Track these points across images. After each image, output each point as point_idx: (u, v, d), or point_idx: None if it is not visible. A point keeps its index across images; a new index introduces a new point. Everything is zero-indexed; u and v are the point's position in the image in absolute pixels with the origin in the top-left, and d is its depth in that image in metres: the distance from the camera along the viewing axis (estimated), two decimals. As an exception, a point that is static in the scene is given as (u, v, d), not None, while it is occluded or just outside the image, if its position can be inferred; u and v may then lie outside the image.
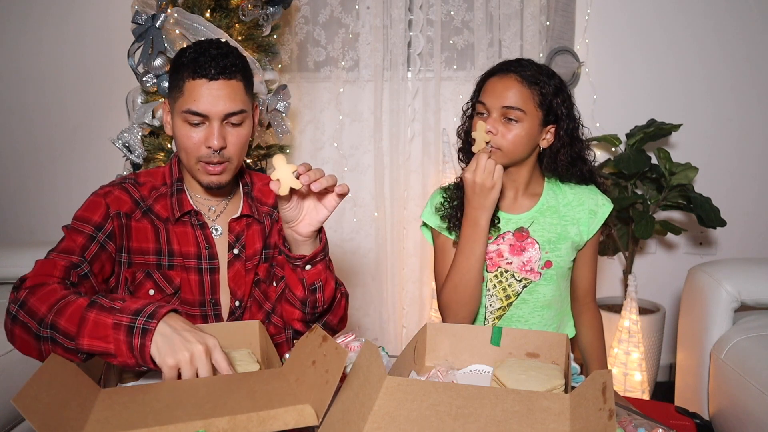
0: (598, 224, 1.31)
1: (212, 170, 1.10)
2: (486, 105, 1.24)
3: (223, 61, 1.05)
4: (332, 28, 2.37)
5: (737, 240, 2.38)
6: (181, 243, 1.14)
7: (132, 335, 0.86)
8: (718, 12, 2.27)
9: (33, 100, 2.53)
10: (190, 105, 1.06)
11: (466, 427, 0.73)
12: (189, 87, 1.06)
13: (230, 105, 1.07)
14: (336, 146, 2.45)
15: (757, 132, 2.33)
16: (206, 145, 1.07)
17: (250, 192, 1.24)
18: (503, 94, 1.21)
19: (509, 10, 2.27)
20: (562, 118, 1.25)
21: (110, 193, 1.12)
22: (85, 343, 0.88)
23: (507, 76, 1.23)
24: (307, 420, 0.72)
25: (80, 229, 1.07)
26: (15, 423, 1.60)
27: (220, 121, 1.07)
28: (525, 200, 1.32)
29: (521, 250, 1.30)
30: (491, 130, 1.21)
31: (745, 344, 1.52)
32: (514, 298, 1.31)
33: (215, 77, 1.05)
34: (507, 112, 1.21)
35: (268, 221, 1.24)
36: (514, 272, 1.30)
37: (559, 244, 1.29)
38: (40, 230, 2.60)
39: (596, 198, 1.32)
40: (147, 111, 1.74)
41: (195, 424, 0.69)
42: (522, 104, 1.21)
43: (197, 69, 1.05)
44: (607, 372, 0.72)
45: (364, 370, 0.80)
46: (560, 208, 1.31)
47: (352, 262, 2.53)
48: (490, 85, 1.25)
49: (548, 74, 1.25)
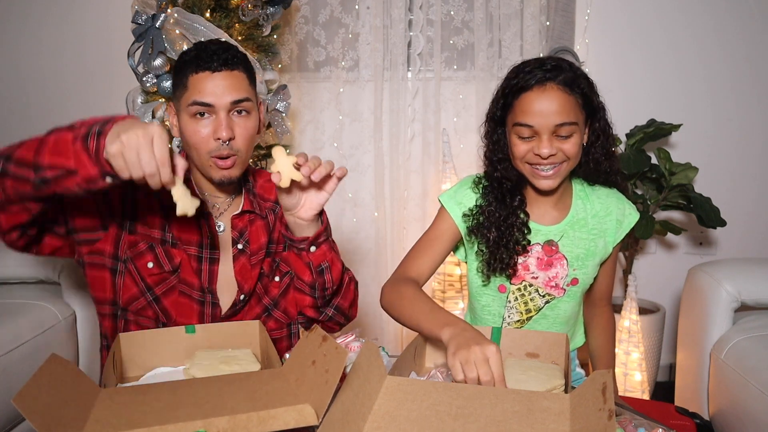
0: (622, 234, 1.24)
1: (223, 164, 1.10)
2: (534, 127, 1.08)
3: (224, 54, 1.07)
4: (332, 28, 2.37)
5: (737, 240, 2.38)
6: (183, 230, 1.15)
7: (88, 140, 0.86)
8: (718, 12, 2.27)
9: (33, 100, 2.53)
10: (195, 96, 1.07)
11: (466, 427, 0.73)
12: (193, 81, 1.07)
13: (235, 93, 1.08)
14: (336, 146, 2.45)
15: (757, 132, 2.33)
16: (215, 137, 1.08)
17: (251, 189, 1.25)
18: (550, 113, 1.06)
19: (509, 10, 2.27)
20: (597, 110, 1.14)
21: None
22: (46, 161, 0.87)
23: (546, 87, 1.07)
24: (307, 420, 0.72)
25: None
26: (15, 423, 1.60)
27: (226, 111, 1.08)
28: (555, 211, 1.22)
29: (549, 266, 1.21)
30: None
31: (745, 344, 1.52)
32: (535, 312, 1.24)
33: (218, 68, 1.07)
34: (559, 129, 1.08)
35: (272, 216, 1.25)
36: (538, 287, 1.22)
37: (587, 261, 1.21)
38: (40, 230, 2.60)
39: (623, 207, 1.24)
40: (147, 111, 1.74)
41: (195, 424, 0.70)
42: (573, 116, 1.08)
43: (200, 63, 1.07)
44: (607, 372, 0.72)
45: (364, 370, 0.80)
46: (589, 220, 1.22)
47: (352, 262, 2.53)
48: (528, 103, 1.08)
49: (575, 66, 1.12)
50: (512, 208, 1.18)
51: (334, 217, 2.49)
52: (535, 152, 1.09)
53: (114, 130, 0.86)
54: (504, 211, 1.17)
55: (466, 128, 2.38)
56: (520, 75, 1.10)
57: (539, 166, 1.11)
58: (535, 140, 1.09)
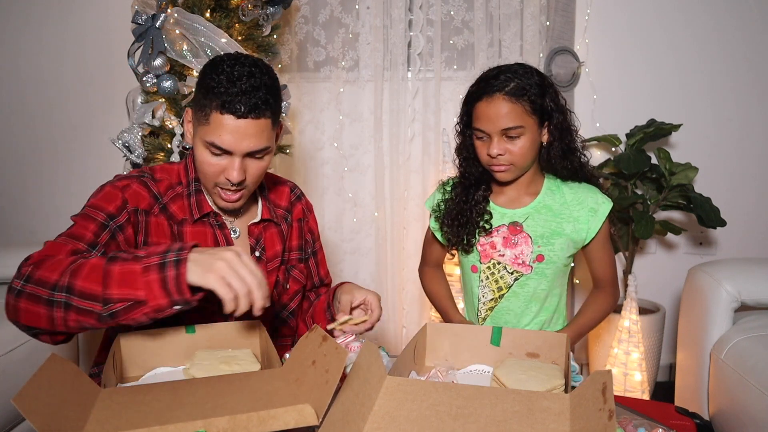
0: (599, 221, 1.33)
1: (228, 197, 1.10)
2: (484, 131, 1.26)
3: (254, 98, 1.01)
4: (332, 28, 2.37)
5: (737, 240, 2.38)
6: (198, 242, 1.13)
7: (165, 270, 0.84)
8: (718, 12, 2.27)
9: (33, 100, 2.53)
10: (214, 139, 1.02)
11: (466, 427, 0.73)
12: (216, 119, 1.01)
13: (255, 143, 1.04)
14: (336, 146, 2.45)
15: (757, 132, 2.33)
16: (225, 176, 1.06)
17: (266, 195, 1.25)
18: (497, 119, 1.23)
19: (509, 10, 2.27)
20: (551, 113, 1.28)
21: (128, 187, 1.09)
22: (115, 293, 0.85)
23: (493, 98, 1.24)
24: (307, 420, 0.72)
25: (93, 216, 1.03)
26: (15, 423, 1.60)
27: (242, 156, 1.05)
28: (524, 198, 1.36)
29: (514, 244, 1.34)
30: (498, 151, 1.25)
31: (745, 344, 1.52)
32: (506, 290, 1.36)
33: (244, 115, 1.00)
34: (507, 132, 1.24)
35: (284, 224, 1.26)
36: (506, 264, 1.35)
37: (552, 239, 1.32)
38: (40, 230, 2.60)
39: (596, 197, 1.34)
40: (147, 111, 1.74)
41: (195, 424, 0.69)
42: (518, 121, 1.23)
43: (226, 104, 1.00)
44: (607, 372, 0.72)
45: (364, 370, 0.80)
46: (556, 207, 1.34)
47: (352, 262, 2.53)
48: (480, 110, 1.26)
49: (528, 75, 1.26)
50: (475, 196, 1.37)
51: (334, 217, 2.50)
52: (488, 152, 1.27)
53: (197, 264, 0.85)
54: (466, 197, 1.37)
55: (466, 128, 2.38)
56: (477, 85, 1.29)
57: (493, 164, 1.28)
58: (488, 141, 1.27)
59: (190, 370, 0.95)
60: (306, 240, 1.32)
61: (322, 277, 1.38)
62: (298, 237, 1.30)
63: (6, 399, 1.48)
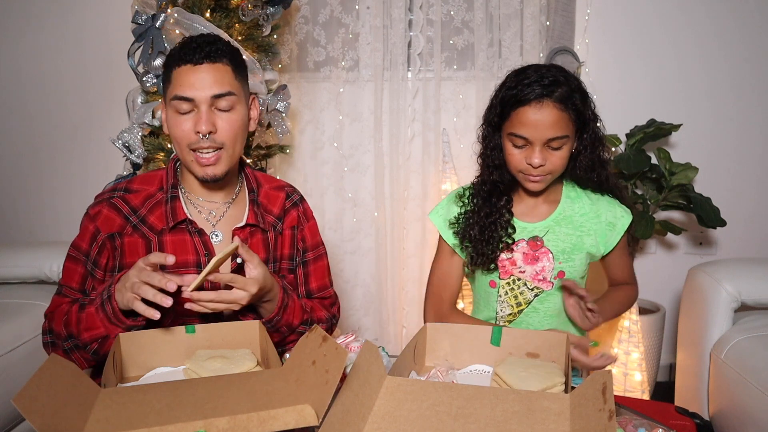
0: (617, 236, 1.29)
1: (205, 160, 1.08)
2: (528, 138, 1.16)
3: (208, 47, 1.06)
4: (332, 28, 2.37)
5: (737, 240, 2.38)
6: (178, 252, 1.12)
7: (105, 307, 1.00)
8: (718, 12, 2.27)
9: (33, 101, 2.53)
10: (176, 91, 1.06)
11: (466, 427, 0.73)
12: (176, 75, 1.06)
13: (216, 87, 1.06)
14: (336, 146, 2.45)
15: (757, 132, 2.33)
16: (195, 130, 1.06)
17: (256, 199, 1.21)
18: (545, 128, 1.14)
19: (509, 10, 2.27)
20: (589, 122, 1.20)
21: (99, 214, 1.12)
22: (86, 336, 1.03)
23: (543, 104, 1.14)
24: (307, 420, 0.72)
25: (77, 258, 1.13)
26: (15, 423, 1.60)
27: (207, 105, 1.06)
28: (542, 207, 1.29)
29: (535, 260, 1.28)
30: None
31: (745, 344, 1.52)
32: (525, 305, 1.31)
33: (200, 61, 1.05)
34: (551, 142, 1.16)
35: (272, 233, 1.21)
36: (526, 281, 1.29)
37: (573, 255, 1.27)
38: (40, 230, 2.60)
39: (614, 210, 1.29)
40: (147, 111, 1.74)
41: (195, 424, 0.70)
42: (565, 130, 1.16)
43: (182, 56, 1.06)
44: (607, 372, 0.73)
45: (364, 370, 0.80)
46: (576, 218, 1.28)
47: (352, 262, 2.53)
48: (525, 116, 1.15)
49: (571, 79, 1.18)
50: (498, 207, 1.27)
51: (334, 217, 2.50)
52: (527, 161, 1.18)
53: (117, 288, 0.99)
54: (489, 209, 1.27)
55: (466, 128, 2.38)
56: (518, 87, 1.16)
57: (530, 173, 1.19)
58: (527, 149, 1.18)
59: (189, 369, 0.95)
60: (297, 248, 1.26)
61: (312, 290, 1.27)
62: (290, 246, 1.24)
63: (6, 399, 1.48)
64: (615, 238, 1.29)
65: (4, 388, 1.50)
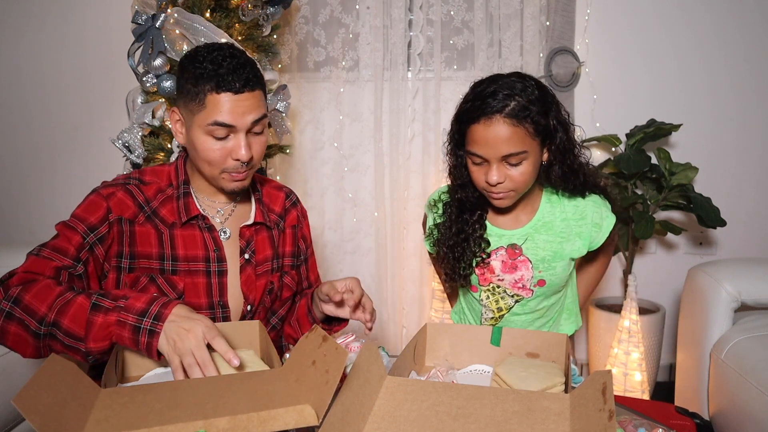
0: (603, 237, 1.25)
1: (237, 177, 1.11)
2: (482, 156, 1.12)
3: (244, 73, 1.04)
4: (332, 28, 2.37)
5: (737, 240, 2.38)
6: (188, 246, 1.13)
7: (138, 335, 0.90)
8: (718, 12, 2.27)
9: (33, 100, 2.53)
10: (216, 117, 1.04)
11: (466, 428, 0.73)
12: (212, 100, 1.04)
13: (254, 114, 1.07)
14: (336, 146, 2.45)
15: (757, 132, 2.33)
16: (234, 157, 1.07)
17: (261, 198, 1.25)
18: (496, 145, 1.09)
19: (509, 10, 2.27)
20: (554, 132, 1.15)
21: (113, 196, 1.10)
22: (94, 347, 0.91)
23: (492, 120, 1.08)
24: (307, 420, 0.72)
25: (75, 228, 1.05)
26: (15, 423, 1.60)
27: (245, 132, 1.07)
28: (521, 214, 1.26)
29: (513, 268, 1.25)
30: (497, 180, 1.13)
31: (745, 344, 1.52)
32: (506, 311, 1.31)
33: (240, 90, 1.04)
34: (508, 158, 1.11)
35: (276, 230, 1.25)
36: (506, 288, 1.28)
37: (553, 263, 1.24)
38: (40, 230, 2.60)
39: (600, 210, 1.25)
40: (147, 111, 1.74)
41: (195, 424, 0.69)
42: (521, 146, 1.10)
43: (221, 84, 1.03)
44: (607, 372, 0.72)
45: (364, 370, 0.80)
46: (557, 223, 1.24)
47: (352, 262, 2.53)
48: (477, 133, 1.11)
49: (528, 90, 1.11)
50: (470, 223, 1.24)
51: (334, 217, 2.50)
52: (485, 179, 1.14)
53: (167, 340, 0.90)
54: (460, 225, 1.25)
55: (466, 128, 2.38)
56: (471, 102, 1.13)
57: (492, 191, 1.16)
58: (485, 166, 1.14)
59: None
60: (299, 247, 1.31)
61: (312, 281, 1.38)
62: (291, 243, 1.29)
63: (6, 399, 1.48)
64: (600, 238, 1.25)
65: (4, 388, 1.50)
